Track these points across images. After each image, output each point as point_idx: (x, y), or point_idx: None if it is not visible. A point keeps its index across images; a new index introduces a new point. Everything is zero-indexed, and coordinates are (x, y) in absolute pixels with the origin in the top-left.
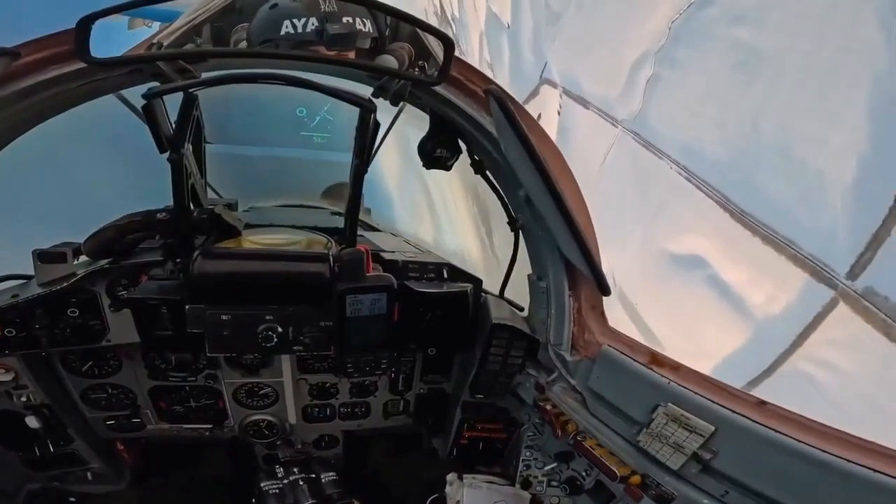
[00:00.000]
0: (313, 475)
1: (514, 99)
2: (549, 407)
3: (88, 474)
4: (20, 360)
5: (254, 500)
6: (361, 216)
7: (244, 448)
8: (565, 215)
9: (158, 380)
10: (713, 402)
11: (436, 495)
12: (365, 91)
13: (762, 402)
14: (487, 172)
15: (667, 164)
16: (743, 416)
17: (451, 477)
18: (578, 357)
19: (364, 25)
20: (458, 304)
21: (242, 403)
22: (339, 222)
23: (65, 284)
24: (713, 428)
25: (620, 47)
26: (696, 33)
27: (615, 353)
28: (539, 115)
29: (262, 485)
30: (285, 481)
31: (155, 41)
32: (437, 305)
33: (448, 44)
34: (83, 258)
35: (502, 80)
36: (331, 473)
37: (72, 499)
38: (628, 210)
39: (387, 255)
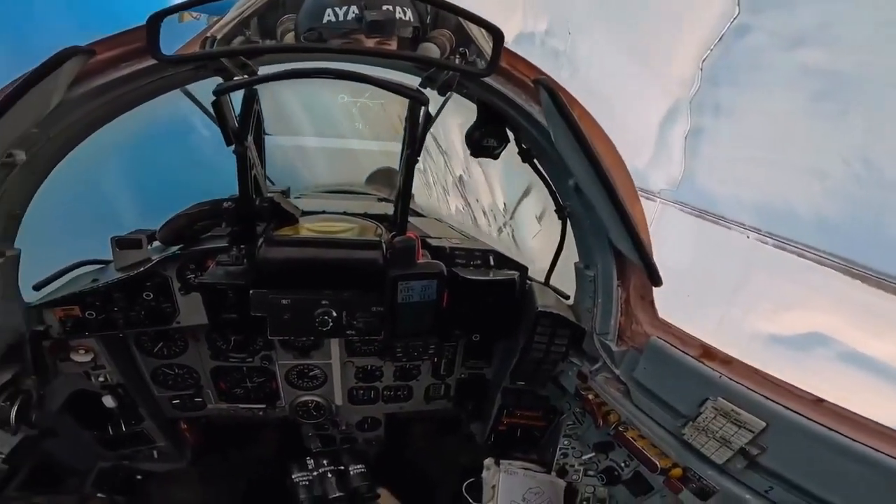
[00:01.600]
0: (342, 467)
1: (563, 89)
2: (591, 396)
3: (154, 453)
4: (99, 341)
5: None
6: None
7: (293, 428)
8: (617, 205)
9: (220, 360)
10: (766, 397)
11: (472, 479)
12: (411, 81)
13: (819, 400)
14: (535, 161)
15: (739, 233)
16: (797, 412)
17: (488, 462)
18: (624, 347)
19: (405, 14)
20: (505, 291)
21: (293, 384)
22: (386, 209)
23: (141, 269)
24: (764, 424)
25: (640, 104)
26: (742, 67)
27: (664, 345)
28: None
29: (293, 476)
30: (315, 473)
31: (209, 35)
32: (485, 292)
33: (497, 35)
34: (155, 244)
35: None
36: (359, 466)
37: (138, 476)
38: (695, 295)
39: (434, 242)
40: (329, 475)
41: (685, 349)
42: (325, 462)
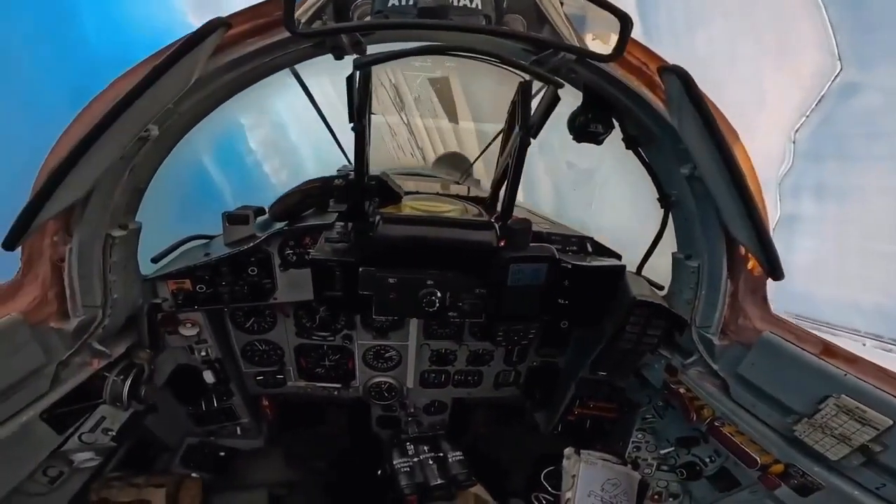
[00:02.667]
0: (441, 454)
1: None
2: (682, 390)
3: (238, 429)
4: (204, 315)
5: (380, 473)
6: (473, 187)
7: (364, 409)
8: (745, 194)
9: (304, 338)
10: (894, 395)
11: (551, 468)
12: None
13: None
14: (640, 149)
15: (851, 342)
16: None
17: (568, 451)
18: (727, 341)
19: (470, 2)
20: (610, 279)
21: (369, 365)
22: (465, 192)
23: (250, 245)
24: (891, 421)
25: None
26: (850, 136)
27: (779, 341)
28: None
29: (394, 462)
30: (415, 459)
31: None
32: (591, 280)
33: (625, 20)
34: (259, 220)
35: None
36: (458, 453)
37: (222, 453)
38: None
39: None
40: (430, 462)
41: (803, 346)
42: (425, 448)
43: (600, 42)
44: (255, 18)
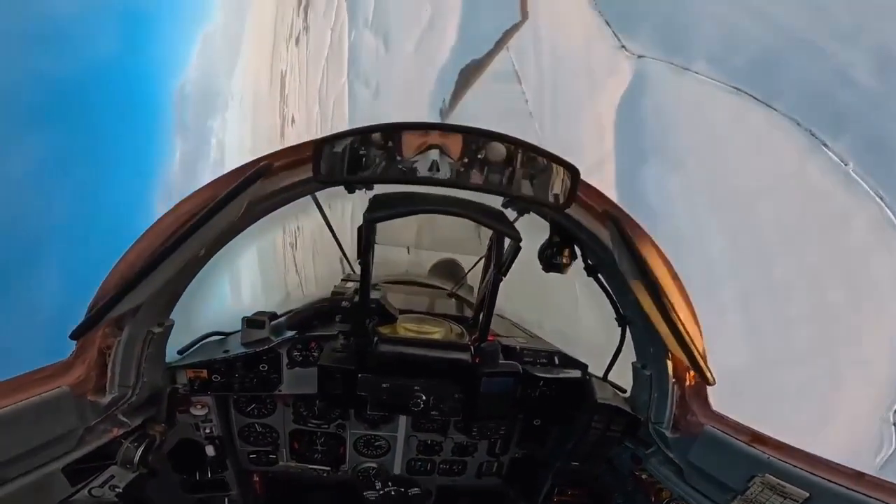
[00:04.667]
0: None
1: (630, 219)
2: (644, 476)
3: (226, 500)
4: (213, 399)
5: None
6: (466, 295)
7: (351, 491)
8: (672, 323)
9: (300, 424)
10: (810, 472)
11: None
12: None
13: (860, 474)
14: (599, 276)
15: None
16: (838, 484)
17: None
18: (678, 434)
19: (439, 170)
20: (572, 387)
21: (359, 451)
22: (454, 305)
23: (266, 347)
24: (807, 494)
25: None
26: None
27: (717, 433)
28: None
29: (364, 493)
30: (381, 492)
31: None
32: (554, 387)
33: (575, 173)
34: (272, 324)
35: None
36: (415, 489)
37: None
38: None
39: (504, 341)
40: None
41: (737, 435)
42: None
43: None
44: (288, 157)
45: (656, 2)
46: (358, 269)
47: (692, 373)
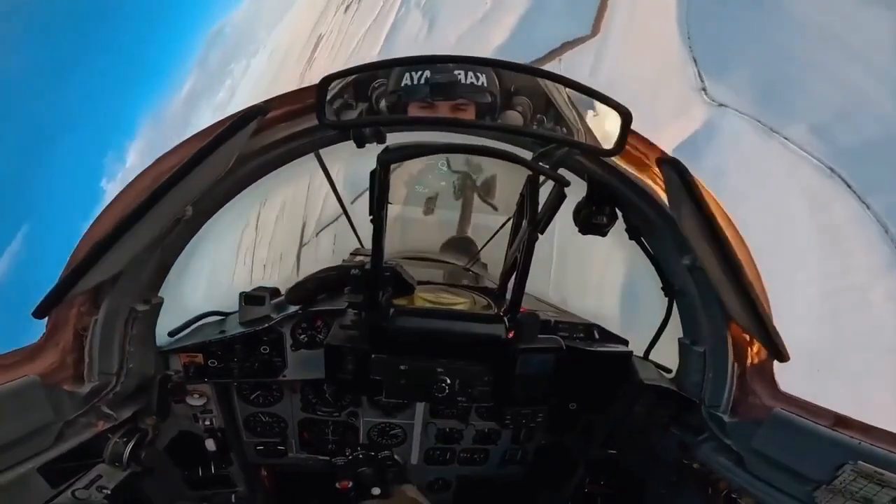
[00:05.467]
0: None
1: (688, 170)
2: (695, 466)
3: (233, 496)
4: (212, 387)
5: None
6: (480, 271)
7: (366, 483)
8: (743, 285)
9: (308, 412)
10: None
11: None
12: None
13: None
14: (643, 239)
15: None
16: None
17: None
18: (738, 419)
19: (476, 79)
20: (616, 364)
21: (374, 441)
22: (472, 279)
23: (265, 326)
24: None
25: None
26: None
27: (790, 416)
28: None
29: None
30: (350, 457)
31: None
32: (597, 365)
33: (626, 115)
34: (274, 301)
35: None
36: (385, 451)
37: None
38: None
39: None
40: None
41: (815, 419)
42: None
43: (607, 125)
44: (289, 104)
45: (765, 46)
46: (368, 243)
47: (755, 348)
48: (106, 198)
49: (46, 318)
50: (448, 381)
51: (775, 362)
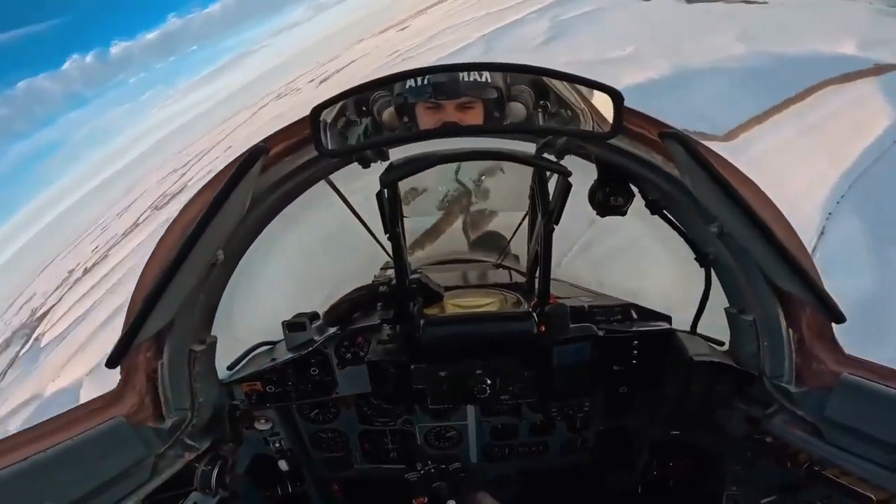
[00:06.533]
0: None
1: (692, 139)
2: (769, 440)
3: None
4: (275, 411)
5: None
6: (512, 264)
7: (441, 496)
8: (776, 245)
9: (366, 424)
10: None
11: None
12: (527, 148)
13: None
14: (665, 212)
15: None
16: None
17: None
18: (805, 388)
19: (479, 76)
20: (659, 344)
21: (431, 445)
22: (504, 275)
23: (310, 349)
24: None
25: None
26: None
27: (860, 380)
28: None
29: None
30: (422, 471)
31: (321, 119)
32: (638, 346)
33: (617, 97)
34: (315, 324)
35: None
36: (456, 463)
37: None
38: None
39: (569, 302)
40: None
41: (888, 382)
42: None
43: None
44: (288, 139)
45: None
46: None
47: (807, 311)
48: None
49: (120, 367)
50: (488, 382)
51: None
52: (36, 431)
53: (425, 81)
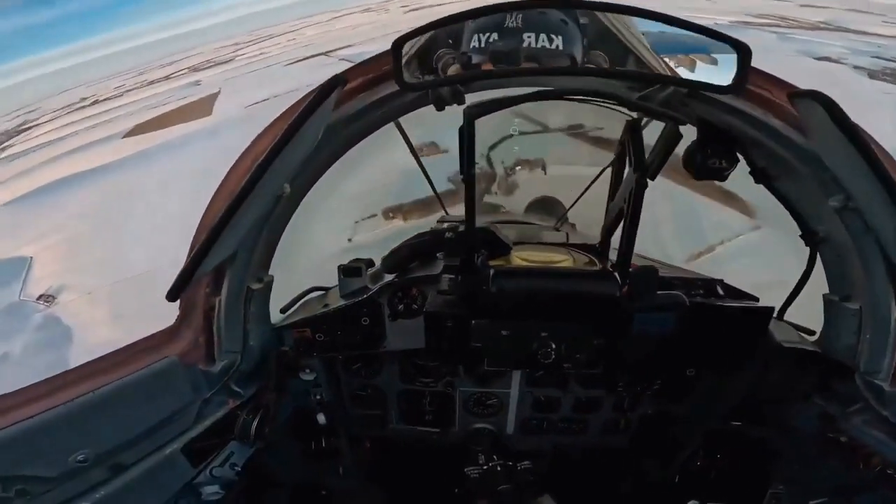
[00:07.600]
0: (510, 462)
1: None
2: (843, 440)
3: (340, 469)
4: (320, 361)
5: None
6: (571, 232)
7: (462, 453)
8: None
9: (406, 384)
10: None
11: None
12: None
13: None
14: (773, 182)
15: None
16: None
17: None
18: None
19: (550, 42)
20: (755, 324)
21: (470, 410)
22: (566, 238)
23: (364, 296)
24: None
25: None
26: None
27: None
28: None
29: (465, 469)
30: (485, 467)
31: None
32: (728, 325)
33: (744, 51)
34: (370, 271)
35: None
36: (526, 462)
37: (323, 492)
38: None
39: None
40: (498, 468)
41: None
42: (494, 457)
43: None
44: (367, 73)
45: None
46: (453, 210)
47: None
48: None
49: (178, 301)
50: (553, 346)
51: None
52: (88, 369)
53: (488, 43)
